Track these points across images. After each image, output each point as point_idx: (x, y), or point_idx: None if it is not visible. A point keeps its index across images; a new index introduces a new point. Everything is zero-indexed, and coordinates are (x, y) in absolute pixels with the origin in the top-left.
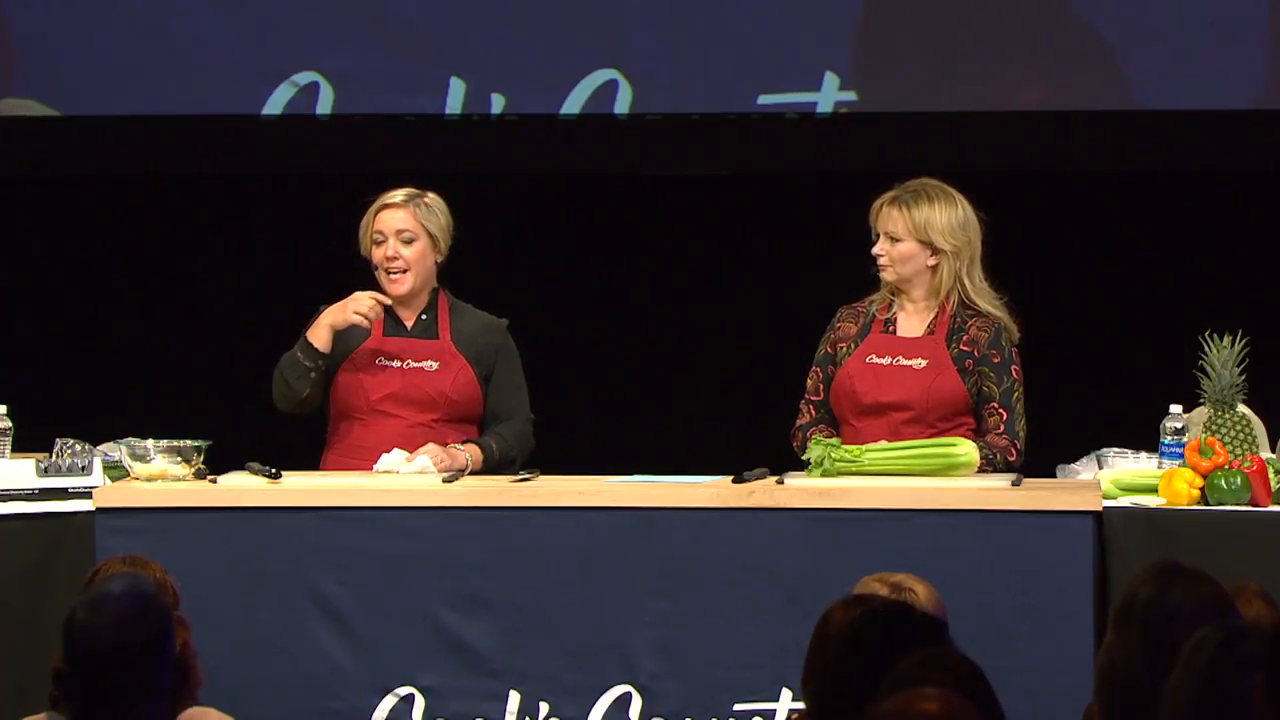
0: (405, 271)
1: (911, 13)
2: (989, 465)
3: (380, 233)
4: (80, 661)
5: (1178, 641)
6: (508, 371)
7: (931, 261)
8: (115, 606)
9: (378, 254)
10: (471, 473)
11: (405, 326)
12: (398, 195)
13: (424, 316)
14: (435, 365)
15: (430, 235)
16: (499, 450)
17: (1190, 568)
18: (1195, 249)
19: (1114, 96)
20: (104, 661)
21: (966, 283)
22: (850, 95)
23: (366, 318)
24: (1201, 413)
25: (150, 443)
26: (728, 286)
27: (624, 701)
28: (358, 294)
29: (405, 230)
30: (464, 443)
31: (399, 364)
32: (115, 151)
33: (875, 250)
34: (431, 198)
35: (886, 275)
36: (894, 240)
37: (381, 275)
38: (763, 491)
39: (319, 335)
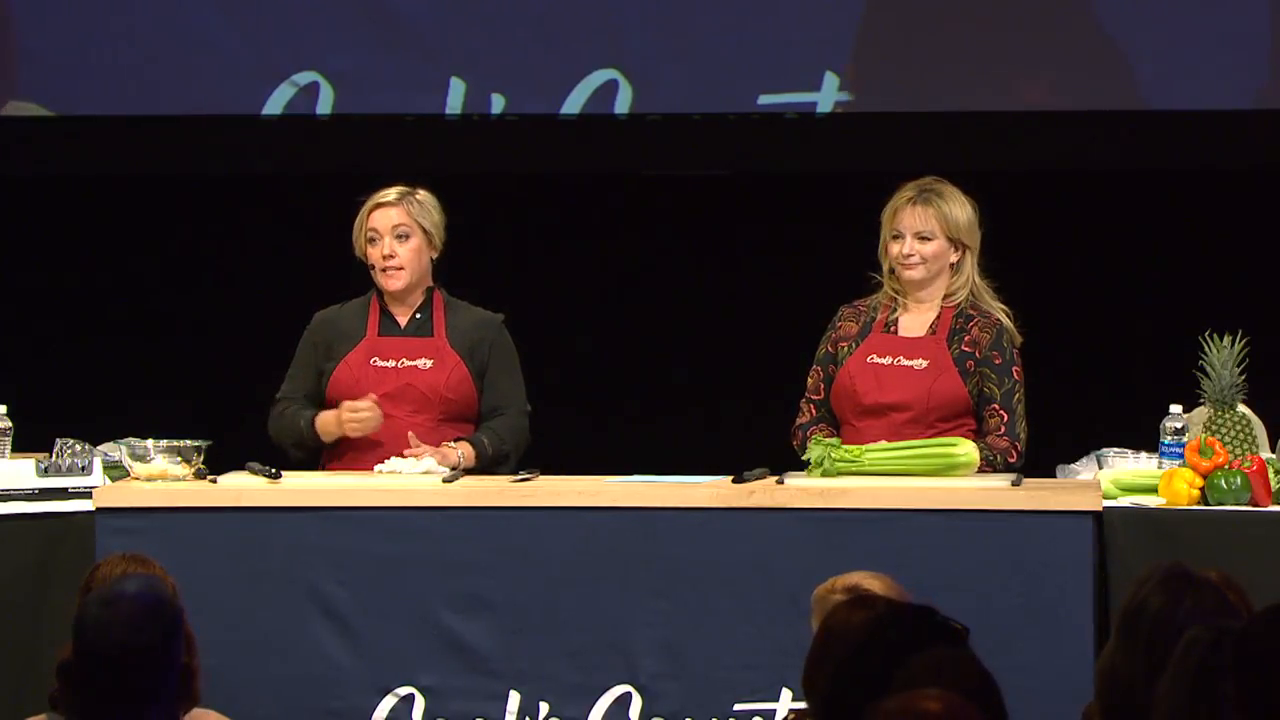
0: (402, 269)
1: (912, 12)
2: (989, 466)
3: (375, 230)
4: (88, 658)
5: None
6: (501, 365)
7: (954, 258)
8: (128, 606)
9: (373, 253)
10: (466, 470)
11: (399, 325)
12: (390, 194)
13: (418, 315)
14: (429, 363)
15: (425, 231)
16: (491, 446)
17: (1198, 576)
18: (1195, 249)
19: (1115, 96)
20: (112, 660)
21: (977, 280)
22: (850, 95)
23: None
24: (1201, 413)
25: (150, 443)
26: (727, 286)
27: (624, 701)
28: (350, 407)
29: (400, 225)
30: (456, 440)
31: (394, 363)
32: (115, 151)
33: (904, 250)
34: (423, 194)
35: (915, 274)
36: (924, 239)
37: (377, 273)
38: (763, 491)
39: (325, 432)
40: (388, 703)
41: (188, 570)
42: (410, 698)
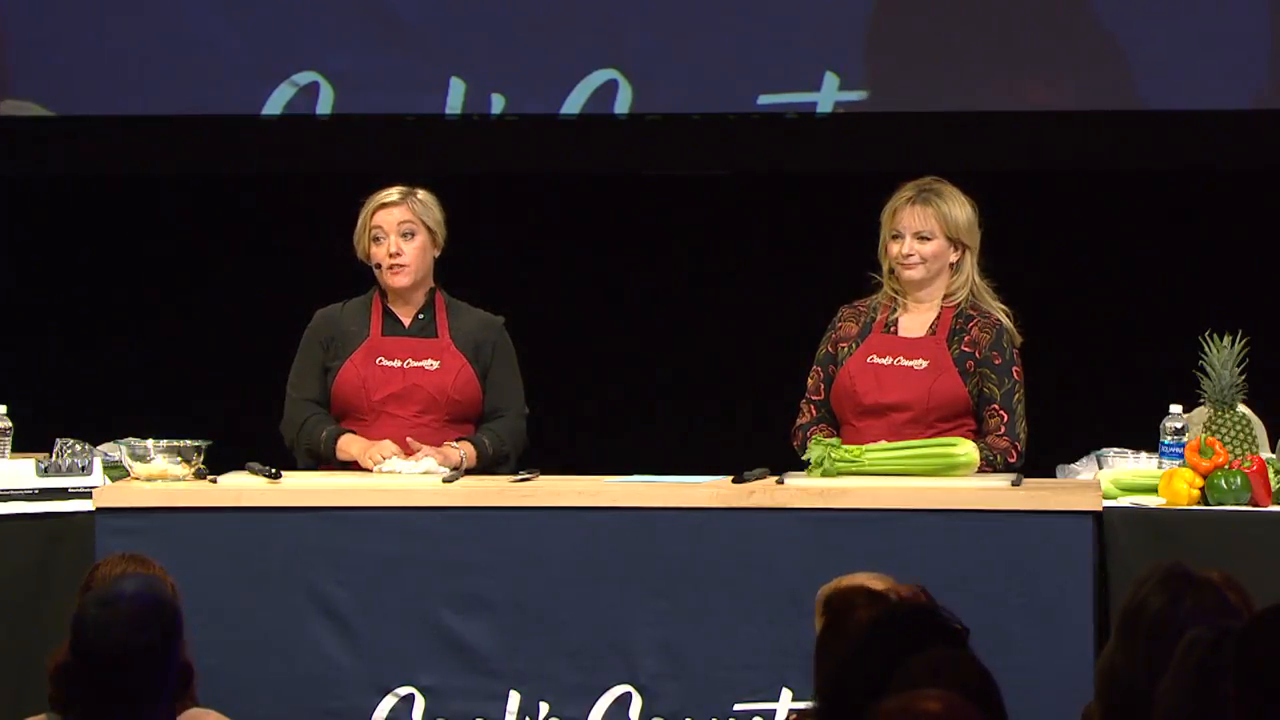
0: (407, 266)
1: (913, 13)
2: (989, 466)
3: (379, 229)
4: (88, 658)
5: None
6: (503, 367)
7: (954, 258)
8: (128, 606)
9: (378, 252)
10: (467, 470)
11: (403, 325)
12: (393, 193)
13: (421, 315)
14: (435, 364)
15: (429, 229)
16: (492, 447)
17: (1198, 576)
18: (1195, 249)
19: (1114, 96)
20: (112, 660)
21: (977, 280)
22: (850, 95)
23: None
24: (1201, 413)
25: (150, 443)
26: (727, 286)
27: (624, 701)
28: (373, 457)
29: (405, 223)
30: (458, 440)
31: (399, 364)
32: (115, 151)
33: (904, 250)
34: (423, 193)
35: (914, 274)
36: (924, 239)
37: (383, 272)
38: (763, 491)
39: (345, 455)
40: (388, 703)
41: (188, 570)
42: (410, 698)
